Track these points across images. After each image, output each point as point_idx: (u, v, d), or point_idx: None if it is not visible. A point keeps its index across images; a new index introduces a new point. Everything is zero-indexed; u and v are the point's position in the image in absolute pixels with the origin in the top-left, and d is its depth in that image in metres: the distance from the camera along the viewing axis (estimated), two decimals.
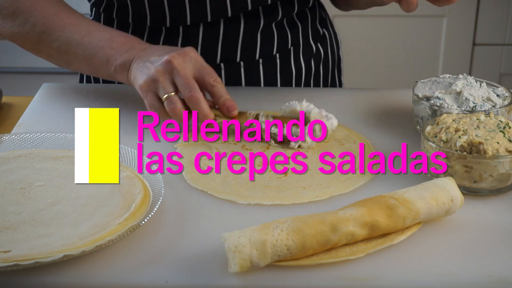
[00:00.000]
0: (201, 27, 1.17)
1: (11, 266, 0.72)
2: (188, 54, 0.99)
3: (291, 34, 1.23)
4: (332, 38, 1.34)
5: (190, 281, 0.74)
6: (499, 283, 0.74)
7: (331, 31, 1.35)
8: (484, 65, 2.44)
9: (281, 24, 1.22)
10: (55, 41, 1.07)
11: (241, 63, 1.21)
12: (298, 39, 1.25)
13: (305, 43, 1.27)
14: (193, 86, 0.97)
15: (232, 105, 1.00)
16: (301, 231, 0.75)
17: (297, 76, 1.27)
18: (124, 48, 1.03)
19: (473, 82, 1.05)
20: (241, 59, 1.21)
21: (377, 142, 1.03)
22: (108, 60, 1.04)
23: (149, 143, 1.02)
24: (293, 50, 1.25)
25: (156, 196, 0.85)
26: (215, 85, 0.99)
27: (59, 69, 2.43)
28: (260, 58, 1.22)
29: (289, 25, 1.23)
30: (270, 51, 1.22)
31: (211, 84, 0.99)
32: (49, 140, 0.98)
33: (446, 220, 0.84)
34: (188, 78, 0.97)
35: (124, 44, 1.04)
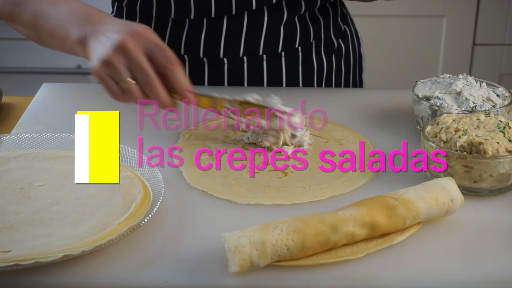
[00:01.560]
0: (225, 20, 1.17)
1: (11, 266, 0.72)
2: (141, 34, 0.94)
3: (313, 28, 1.23)
4: (353, 35, 1.34)
5: (190, 281, 0.74)
6: (498, 283, 0.74)
7: (352, 28, 1.35)
8: (484, 65, 2.44)
9: (304, 18, 1.22)
10: (26, 13, 1.04)
11: (263, 56, 1.21)
12: (320, 33, 1.25)
13: (326, 38, 1.26)
14: (148, 72, 0.92)
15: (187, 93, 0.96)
16: (301, 231, 0.75)
17: (319, 71, 1.27)
18: (81, 22, 0.98)
19: (473, 82, 1.05)
20: (264, 52, 1.21)
21: (377, 142, 1.03)
22: (67, 35, 0.99)
23: (149, 142, 1.02)
24: (315, 44, 1.25)
25: (156, 196, 0.85)
26: (170, 68, 0.94)
27: (59, 69, 2.43)
28: (283, 51, 1.22)
29: (311, 19, 1.23)
30: (293, 45, 1.22)
31: (165, 66, 0.94)
32: (49, 140, 0.98)
33: (446, 220, 0.84)
34: (143, 63, 0.92)
35: (82, 17, 0.99)
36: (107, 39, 0.93)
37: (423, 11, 2.38)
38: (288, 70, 1.24)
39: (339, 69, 1.30)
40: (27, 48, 2.41)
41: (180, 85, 0.95)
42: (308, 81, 1.26)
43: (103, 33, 0.94)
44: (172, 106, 0.95)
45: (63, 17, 1.00)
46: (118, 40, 0.91)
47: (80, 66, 2.43)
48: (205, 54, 1.20)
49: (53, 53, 2.44)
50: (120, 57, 0.92)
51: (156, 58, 0.93)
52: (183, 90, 0.95)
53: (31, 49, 2.41)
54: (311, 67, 1.26)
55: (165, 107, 0.95)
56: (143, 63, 0.92)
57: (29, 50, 2.42)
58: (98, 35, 0.95)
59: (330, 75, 1.29)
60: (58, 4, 1.03)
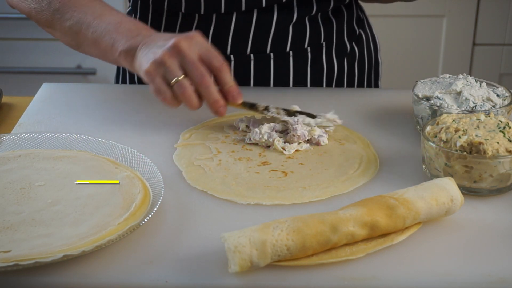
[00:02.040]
0: (234, 16, 1.17)
1: (11, 266, 0.72)
2: (194, 38, 0.98)
3: (325, 30, 1.23)
4: (369, 40, 1.33)
5: (190, 281, 0.74)
6: (498, 283, 0.74)
7: (369, 33, 1.34)
8: (484, 65, 2.44)
9: (315, 19, 1.21)
10: (67, 20, 1.07)
11: (271, 55, 1.21)
12: (332, 35, 1.24)
13: (338, 40, 1.26)
14: (202, 70, 0.96)
15: (238, 93, 1.00)
16: (301, 231, 0.75)
17: (329, 73, 1.26)
18: (130, 34, 1.02)
19: (473, 82, 1.05)
20: (272, 50, 1.21)
21: (377, 142, 1.03)
22: (113, 44, 1.02)
23: (149, 141, 1.02)
24: (326, 46, 1.24)
25: (156, 196, 0.85)
26: (222, 70, 0.98)
27: (59, 69, 2.43)
28: (291, 50, 1.22)
29: (323, 21, 1.22)
30: (302, 45, 1.22)
31: (217, 68, 0.98)
32: (49, 140, 0.98)
33: (446, 220, 0.84)
34: (196, 61, 0.96)
35: (131, 30, 1.03)
36: (160, 45, 0.97)
37: (423, 11, 2.38)
38: (296, 70, 1.23)
39: (352, 73, 1.30)
40: (27, 48, 2.41)
41: (230, 87, 0.99)
42: (317, 82, 1.26)
43: (155, 42, 0.98)
44: (223, 103, 0.98)
45: (110, 28, 1.03)
46: (172, 42, 0.95)
47: (80, 66, 2.43)
48: None
49: (53, 53, 2.45)
50: (173, 57, 0.95)
51: (208, 60, 0.97)
52: (232, 92, 0.99)
53: (31, 49, 2.41)
54: (320, 68, 1.25)
55: (216, 103, 0.98)
56: (196, 61, 0.95)
57: (29, 50, 2.42)
58: (150, 45, 0.98)
59: (341, 78, 1.28)
60: (103, 16, 1.05)
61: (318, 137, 1.01)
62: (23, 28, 2.37)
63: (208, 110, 1.10)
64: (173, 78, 0.95)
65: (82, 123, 1.08)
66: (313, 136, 1.01)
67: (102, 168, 0.90)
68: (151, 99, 1.15)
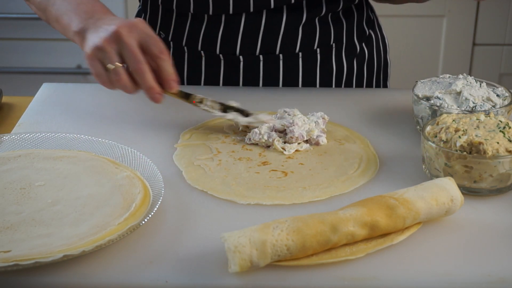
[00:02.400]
0: (243, 16, 1.18)
1: (11, 266, 0.72)
2: (135, 25, 0.98)
3: (334, 31, 1.23)
4: (379, 41, 1.33)
5: (190, 281, 0.74)
6: (498, 283, 0.74)
7: (379, 34, 1.34)
8: (484, 65, 2.44)
9: (325, 20, 1.21)
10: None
11: (280, 56, 1.21)
12: (342, 36, 1.24)
13: (348, 41, 1.26)
14: (139, 57, 0.96)
15: (174, 81, 0.99)
16: (301, 231, 0.75)
17: (338, 74, 1.26)
18: (85, 16, 1.03)
19: (473, 82, 1.05)
20: (281, 51, 1.21)
21: (377, 142, 1.03)
22: (69, 24, 1.05)
23: (149, 141, 1.02)
24: (335, 47, 1.24)
25: (156, 196, 0.85)
26: (161, 57, 0.98)
27: (59, 69, 2.43)
28: (300, 51, 1.22)
29: (333, 21, 1.22)
30: (311, 46, 1.22)
31: (156, 55, 0.97)
32: (49, 140, 0.98)
33: (446, 220, 0.84)
34: (134, 48, 0.96)
35: (87, 12, 1.04)
36: (103, 30, 0.98)
37: (423, 11, 2.38)
38: (305, 71, 1.23)
39: (361, 73, 1.29)
40: (27, 48, 2.41)
41: (167, 75, 0.98)
42: (326, 83, 1.26)
43: (100, 26, 0.99)
44: (157, 90, 0.97)
45: (69, 7, 1.06)
46: (113, 29, 0.96)
47: (80, 66, 2.43)
48: (222, 51, 1.21)
49: (53, 53, 2.45)
50: (112, 43, 0.96)
51: (148, 47, 0.97)
52: (169, 79, 0.98)
53: (31, 49, 2.41)
54: (329, 69, 1.25)
55: (150, 90, 0.97)
56: (134, 48, 0.96)
57: (29, 50, 2.42)
58: (97, 28, 0.99)
59: (351, 79, 1.28)
60: None
61: (317, 137, 1.01)
62: (23, 28, 2.38)
63: None
64: (109, 63, 0.96)
65: (82, 123, 1.08)
66: (312, 136, 1.01)
67: (102, 168, 0.90)
68: None
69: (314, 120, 1.02)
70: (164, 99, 1.00)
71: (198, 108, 1.03)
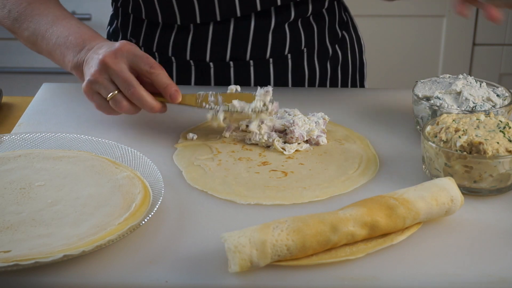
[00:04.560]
0: (211, 25, 1.18)
1: (11, 266, 0.72)
2: (120, 49, 0.99)
3: (305, 35, 1.22)
4: (353, 42, 1.32)
5: (190, 281, 0.74)
6: (499, 283, 0.74)
7: (353, 35, 1.33)
8: (484, 65, 2.44)
9: (295, 25, 1.21)
10: (25, 30, 1.12)
11: (251, 62, 1.21)
12: (313, 40, 1.24)
13: (320, 44, 1.25)
14: (131, 82, 0.97)
15: (175, 92, 0.99)
16: (301, 231, 0.75)
17: (311, 77, 1.26)
18: (77, 48, 1.05)
19: (473, 82, 1.05)
20: (251, 57, 1.21)
21: (377, 142, 1.03)
22: (64, 59, 1.06)
23: (149, 141, 1.02)
24: (307, 51, 1.24)
25: (156, 196, 0.85)
26: (153, 72, 0.99)
27: (59, 69, 2.43)
28: (271, 57, 1.22)
29: (304, 26, 1.22)
30: (282, 51, 1.22)
31: (148, 72, 0.99)
32: (49, 140, 0.98)
33: (446, 220, 0.84)
34: (124, 74, 0.97)
35: (78, 44, 1.05)
36: (92, 61, 1.00)
37: (423, 11, 2.38)
38: (277, 76, 1.23)
39: (335, 76, 1.29)
40: (27, 48, 2.41)
41: (165, 86, 0.99)
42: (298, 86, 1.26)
43: (91, 57, 1.01)
44: (158, 109, 1.00)
45: (59, 41, 1.07)
46: (99, 59, 0.98)
47: None
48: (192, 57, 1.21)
49: None
50: (103, 73, 0.98)
51: (138, 67, 0.99)
52: (169, 90, 0.99)
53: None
54: (301, 73, 1.25)
55: (152, 110, 0.99)
56: (123, 73, 0.98)
57: (29, 50, 2.41)
58: (88, 60, 1.02)
59: (324, 82, 1.28)
60: (54, 26, 1.09)
61: (317, 137, 1.01)
62: None
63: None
64: (107, 94, 0.99)
65: (82, 123, 1.08)
66: (312, 136, 1.01)
67: (102, 168, 0.90)
68: None
69: (315, 121, 1.02)
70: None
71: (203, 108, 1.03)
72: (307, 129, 1.01)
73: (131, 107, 0.99)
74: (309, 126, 1.01)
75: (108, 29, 1.32)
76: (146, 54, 1.00)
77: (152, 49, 1.23)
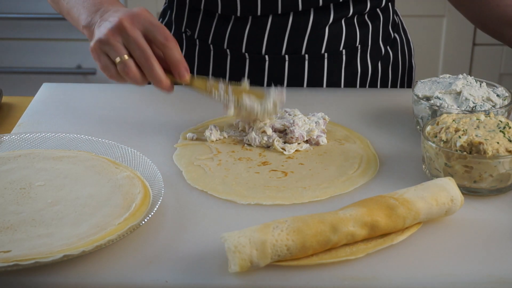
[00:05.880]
0: (270, 18, 1.18)
1: (11, 266, 0.72)
2: (138, 15, 0.96)
3: (360, 32, 1.23)
4: (404, 44, 1.33)
5: (190, 281, 0.74)
6: (499, 283, 0.74)
7: (403, 37, 1.34)
8: (484, 65, 2.44)
9: (351, 21, 1.21)
10: None
11: (305, 56, 1.21)
12: (367, 38, 1.24)
13: (374, 43, 1.26)
14: (145, 50, 0.95)
15: (184, 69, 0.97)
16: (301, 231, 0.75)
17: (363, 76, 1.26)
18: (92, 9, 1.03)
19: (473, 82, 1.05)
20: (306, 51, 1.21)
21: (377, 142, 1.03)
22: (78, 18, 1.05)
23: (149, 141, 1.02)
24: (361, 49, 1.24)
25: (156, 196, 0.85)
26: (167, 45, 0.96)
27: (59, 69, 2.43)
28: (326, 52, 1.22)
29: (359, 24, 1.22)
30: (337, 47, 1.22)
31: (162, 44, 0.96)
32: (49, 140, 0.98)
33: (446, 220, 0.84)
34: (139, 40, 0.95)
35: (95, 4, 1.03)
36: (107, 22, 0.96)
37: (423, 11, 2.38)
38: (330, 71, 1.23)
39: (385, 76, 1.29)
40: (27, 48, 2.42)
41: (176, 61, 0.96)
42: (351, 84, 1.26)
43: (105, 19, 0.98)
44: (166, 84, 0.96)
45: (78, 0, 1.05)
46: (115, 21, 0.95)
47: (80, 66, 2.43)
48: (247, 50, 1.21)
49: (53, 53, 2.45)
50: (116, 35, 0.95)
51: (153, 36, 0.95)
52: (178, 66, 0.97)
53: (31, 49, 2.42)
54: (354, 70, 1.25)
55: (159, 84, 0.96)
56: (139, 39, 0.94)
57: (29, 50, 2.42)
58: (102, 23, 0.98)
59: (375, 81, 1.28)
60: None
61: (317, 137, 1.01)
62: (23, 28, 2.38)
63: (208, 110, 1.10)
64: (116, 57, 0.95)
65: (82, 123, 1.08)
66: (312, 136, 1.01)
67: (102, 168, 0.90)
68: (151, 99, 1.15)
69: (315, 121, 1.03)
70: (165, 97, 1.00)
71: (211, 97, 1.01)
72: (307, 129, 1.01)
73: (139, 76, 0.96)
74: (309, 126, 1.01)
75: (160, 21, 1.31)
76: (162, 24, 0.97)
77: (208, 41, 1.22)
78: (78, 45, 2.39)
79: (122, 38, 0.95)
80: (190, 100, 1.14)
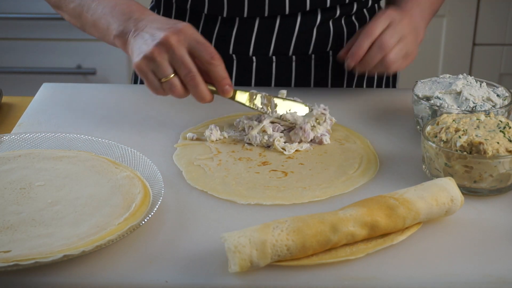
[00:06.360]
0: (257, 20, 1.18)
1: (11, 266, 0.72)
2: (183, 31, 0.97)
3: (348, 33, 1.23)
4: None
5: (190, 281, 0.74)
6: (499, 283, 0.74)
7: None
8: (484, 65, 2.44)
9: (339, 22, 1.21)
10: (71, 2, 1.10)
11: (293, 57, 1.21)
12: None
13: None
14: (191, 68, 0.96)
15: (228, 87, 0.99)
16: (301, 231, 0.75)
17: (350, 76, 1.27)
18: (123, 17, 1.03)
19: (473, 82, 1.05)
20: (294, 52, 1.21)
21: (377, 142, 1.03)
22: (108, 28, 1.04)
23: (149, 141, 1.02)
24: None
25: (156, 196, 0.85)
26: (212, 63, 0.97)
27: (59, 69, 2.43)
28: (313, 53, 1.22)
29: (347, 24, 1.23)
30: (324, 47, 1.22)
31: (207, 61, 0.97)
32: (49, 140, 0.98)
33: (446, 220, 0.84)
34: (185, 58, 0.96)
35: (125, 13, 1.03)
36: (150, 36, 0.97)
37: None
38: (317, 72, 1.23)
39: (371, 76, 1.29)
40: (27, 48, 2.41)
41: (220, 78, 0.98)
42: (338, 85, 1.26)
43: (145, 31, 0.98)
44: (209, 99, 0.99)
45: (106, 11, 1.05)
46: (161, 37, 0.95)
47: (80, 66, 2.43)
48: (235, 51, 1.21)
49: (53, 53, 2.45)
50: (163, 53, 0.95)
51: (198, 54, 0.97)
52: (223, 83, 0.99)
53: (31, 49, 2.41)
54: (341, 71, 1.25)
55: (203, 101, 0.98)
56: (185, 58, 0.95)
57: (29, 50, 2.42)
58: (140, 32, 0.99)
59: (361, 81, 1.29)
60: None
61: (321, 136, 1.01)
62: (23, 28, 2.37)
63: (208, 110, 1.10)
64: (163, 76, 0.96)
65: (82, 123, 1.08)
66: (316, 135, 1.01)
67: (102, 168, 0.90)
68: (151, 99, 1.15)
69: (316, 111, 1.03)
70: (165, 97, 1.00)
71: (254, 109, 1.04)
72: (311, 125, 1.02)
73: (183, 92, 0.98)
74: (313, 123, 1.02)
75: None
76: (207, 41, 0.98)
77: None
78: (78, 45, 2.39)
79: (168, 55, 0.96)
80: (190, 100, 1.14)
